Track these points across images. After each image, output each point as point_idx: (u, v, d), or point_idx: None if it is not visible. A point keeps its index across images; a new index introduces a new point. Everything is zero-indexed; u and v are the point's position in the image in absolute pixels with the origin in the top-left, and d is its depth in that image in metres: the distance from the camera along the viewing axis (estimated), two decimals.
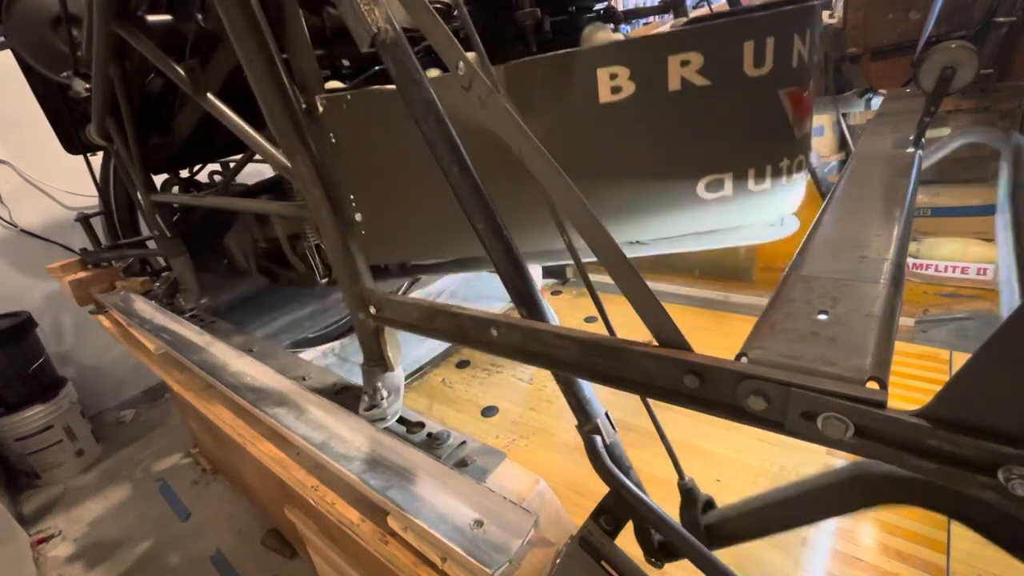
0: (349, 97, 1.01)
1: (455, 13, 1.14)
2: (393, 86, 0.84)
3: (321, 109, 1.01)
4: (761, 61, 0.95)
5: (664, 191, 1.03)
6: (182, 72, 1.27)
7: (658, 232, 1.12)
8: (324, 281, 1.66)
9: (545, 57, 0.95)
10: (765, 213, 1.11)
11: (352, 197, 1.06)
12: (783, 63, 0.97)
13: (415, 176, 1.06)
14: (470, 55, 0.69)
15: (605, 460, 0.75)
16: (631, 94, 0.94)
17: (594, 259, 0.64)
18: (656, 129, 0.98)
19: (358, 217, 1.08)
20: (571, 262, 0.84)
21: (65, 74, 1.72)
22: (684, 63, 0.92)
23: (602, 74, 0.93)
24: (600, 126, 0.98)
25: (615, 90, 0.94)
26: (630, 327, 0.65)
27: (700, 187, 1.02)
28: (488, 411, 2.41)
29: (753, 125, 1.01)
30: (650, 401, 0.74)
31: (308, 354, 2.72)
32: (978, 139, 1.48)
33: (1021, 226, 0.92)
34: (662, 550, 0.76)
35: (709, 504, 0.77)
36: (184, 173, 2.20)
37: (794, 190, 1.12)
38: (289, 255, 1.75)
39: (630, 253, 1.29)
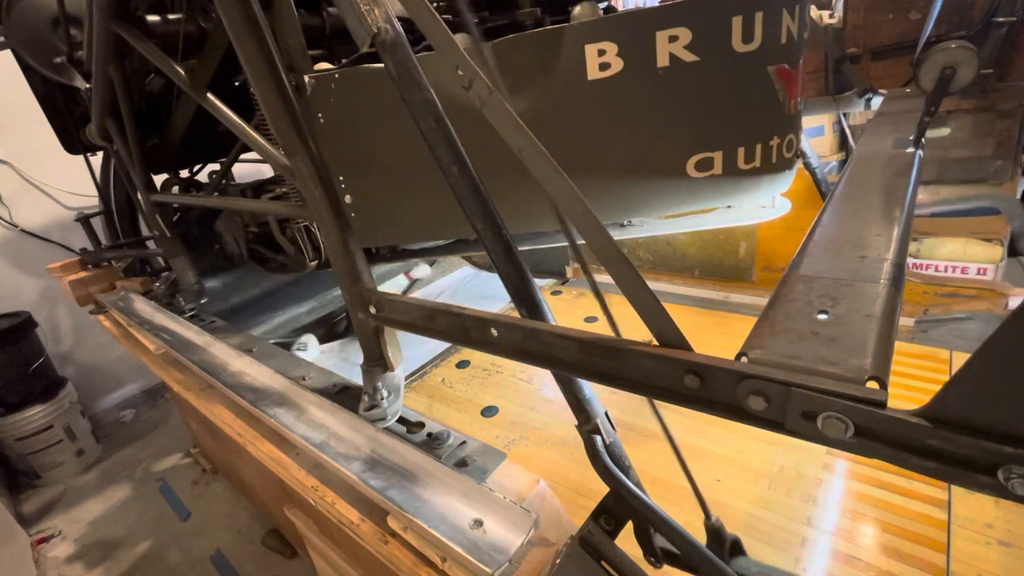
0: (337, 76, 1.00)
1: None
2: (380, 64, 0.83)
3: (310, 90, 1.00)
4: (750, 37, 0.94)
5: (653, 170, 1.02)
6: (182, 72, 1.27)
7: (647, 212, 1.11)
8: (314, 264, 1.65)
9: (532, 33, 0.94)
10: (756, 193, 1.10)
11: (341, 179, 1.06)
12: (772, 39, 0.96)
13: (404, 156, 1.05)
14: (458, 36, 0.69)
15: (605, 460, 0.75)
16: (619, 71, 0.93)
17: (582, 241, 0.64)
18: (645, 106, 0.97)
19: (347, 199, 1.07)
20: (562, 243, 0.82)
21: (59, 60, 1.71)
22: (672, 38, 0.91)
23: (590, 50, 0.93)
24: (589, 104, 0.97)
25: (603, 67, 0.93)
26: (631, 327, 0.65)
27: (690, 166, 1.02)
28: (488, 411, 2.41)
29: (742, 102, 1.00)
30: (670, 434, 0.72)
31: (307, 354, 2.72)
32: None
33: None
34: (666, 557, 0.76)
35: (736, 545, 0.74)
36: (184, 173, 2.19)
37: (785, 170, 1.11)
38: (279, 238, 1.74)
39: (618, 235, 1.29)
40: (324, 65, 1.09)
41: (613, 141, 1.01)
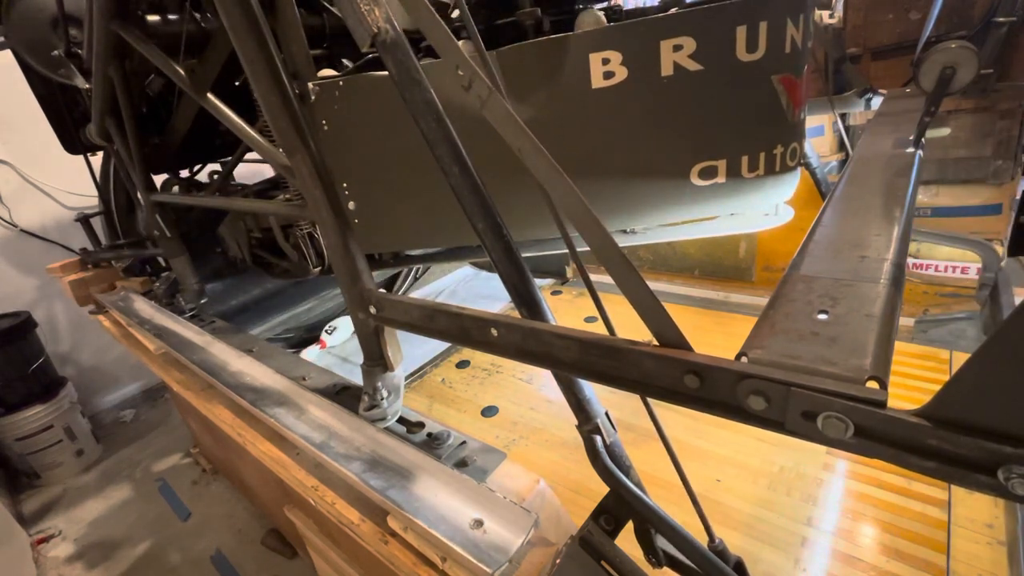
0: (342, 83, 1.00)
1: (452, 14, 1.14)
2: (385, 72, 0.83)
3: (313, 97, 1.00)
4: (754, 46, 0.94)
5: (657, 178, 1.03)
6: (182, 72, 1.27)
7: (651, 220, 1.12)
8: (317, 270, 1.65)
9: (538, 42, 0.94)
10: (759, 201, 1.11)
11: (344, 185, 1.06)
12: (776, 48, 0.97)
13: (408, 164, 1.06)
14: (462, 43, 0.69)
15: (605, 460, 0.75)
16: (624, 79, 0.94)
17: (587, 248, 0.64)
18: (649, 115, 0.98)
19: (351, 206, 1.07)
20: (563, 251, 0.83)
21: (56, 53, 1.71)
22: (677, 48, 0.92)
23: (594, 59, 0.93)
24: (593, 112, 0.97)
25: (607, 75, 0.94)
26: (630, 327, 0.65)
27: (693, 174, 1.02)
28: (488, 411, 2.41)
29: (746, 111, 1.01)
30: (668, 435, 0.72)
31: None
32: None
33: None
34: (667, 559, 0.76)
35: (739, 566, 0.74)
36: (184, 173, 2.19)
37: (788, 178, 1.12)
38: (282, 244, 1.74)
39: (622, 242, 1.30)
40: (328, 72, 1.09)
41: (617, 149, 1.01)
